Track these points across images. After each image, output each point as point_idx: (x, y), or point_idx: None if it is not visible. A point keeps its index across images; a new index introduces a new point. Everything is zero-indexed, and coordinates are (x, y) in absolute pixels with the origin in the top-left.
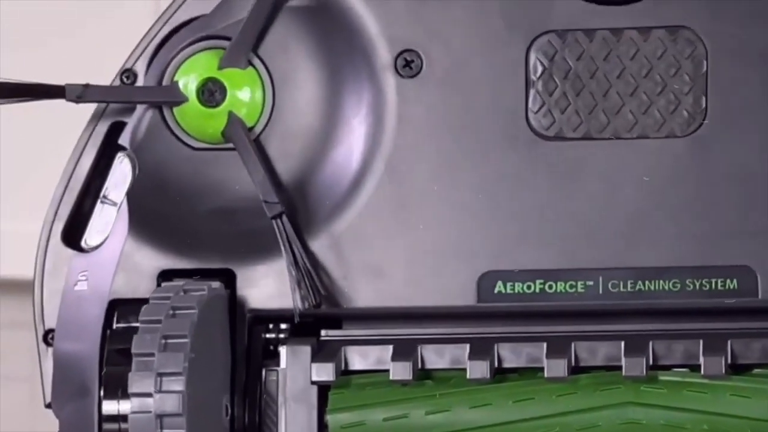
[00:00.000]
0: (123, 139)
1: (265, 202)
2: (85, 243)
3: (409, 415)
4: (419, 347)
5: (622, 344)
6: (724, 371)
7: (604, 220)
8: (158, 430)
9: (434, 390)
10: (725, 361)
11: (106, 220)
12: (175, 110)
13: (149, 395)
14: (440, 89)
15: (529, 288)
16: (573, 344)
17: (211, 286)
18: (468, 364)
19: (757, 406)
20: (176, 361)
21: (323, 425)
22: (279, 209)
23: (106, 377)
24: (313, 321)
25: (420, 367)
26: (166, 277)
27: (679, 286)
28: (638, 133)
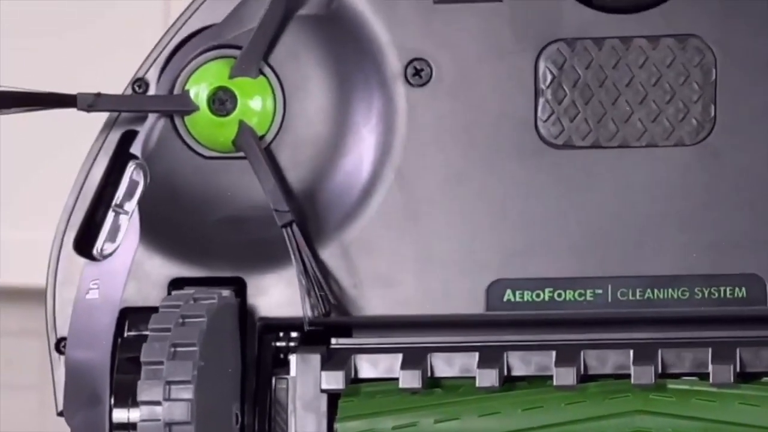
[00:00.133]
0: (135, 148)
1: (276, 210)
2: (97, 251)
3: (418, 424)
4: (429, 355)
5: (631, 352)
6: (733, 380)
7: (613, 228)
8: None
9: (443, 398)
10: (734, 369)
11: (118, 229)
12: (187, 119)
13: (158, 403)
14: (450, 98)
15: (538, 296)
16: (582, 352)
17: (222, 294)
18: (477, 372)
19: (765, 415)
20: (185, 370)
21: None
22: (289, 218)
23: (116, 385)
24: (323, 329)
25: (429, 376)
26: (177, 286)
27: (687, 294)
28: (647, 142)
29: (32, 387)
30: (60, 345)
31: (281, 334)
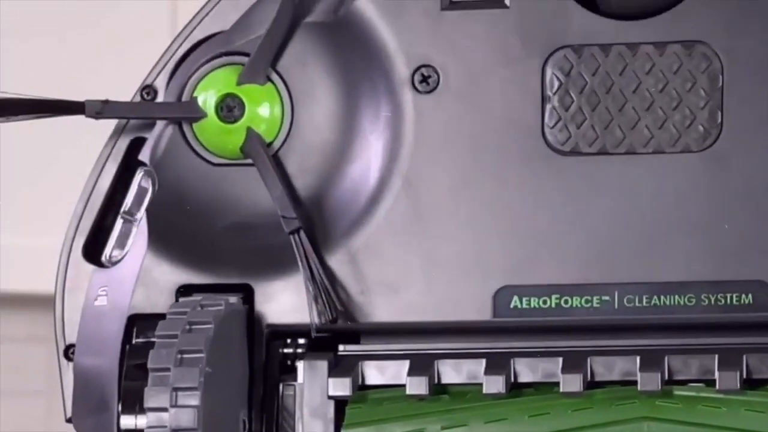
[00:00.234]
0: (143, 155)
1: (283, 217)
2: (106, 258)
3: (425, 430)
4: (436, 362)
5: (638, 359)
6: (740, 386)
7: (620, 234)
8: None
9: (450, 405)
10: (740, 376)
11: (127, 236)
12: (195, 126)
13: (165, 410)
14: (457, 104)
15: (544, 303)
16: (588, 359)
17: (229, 301)
18: (484, 378)
19: None
20: (191, 376)
21: None
22: (296, 224)
23: (124, 392)
24: (331, 336)
25: (436, 382)
26: (185, 293)
27: (694, 300)
28: (654, 148)
29: (39, 393)
30: (69, 352)
31: (289, 341)
